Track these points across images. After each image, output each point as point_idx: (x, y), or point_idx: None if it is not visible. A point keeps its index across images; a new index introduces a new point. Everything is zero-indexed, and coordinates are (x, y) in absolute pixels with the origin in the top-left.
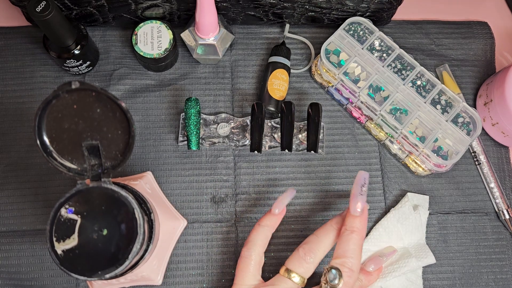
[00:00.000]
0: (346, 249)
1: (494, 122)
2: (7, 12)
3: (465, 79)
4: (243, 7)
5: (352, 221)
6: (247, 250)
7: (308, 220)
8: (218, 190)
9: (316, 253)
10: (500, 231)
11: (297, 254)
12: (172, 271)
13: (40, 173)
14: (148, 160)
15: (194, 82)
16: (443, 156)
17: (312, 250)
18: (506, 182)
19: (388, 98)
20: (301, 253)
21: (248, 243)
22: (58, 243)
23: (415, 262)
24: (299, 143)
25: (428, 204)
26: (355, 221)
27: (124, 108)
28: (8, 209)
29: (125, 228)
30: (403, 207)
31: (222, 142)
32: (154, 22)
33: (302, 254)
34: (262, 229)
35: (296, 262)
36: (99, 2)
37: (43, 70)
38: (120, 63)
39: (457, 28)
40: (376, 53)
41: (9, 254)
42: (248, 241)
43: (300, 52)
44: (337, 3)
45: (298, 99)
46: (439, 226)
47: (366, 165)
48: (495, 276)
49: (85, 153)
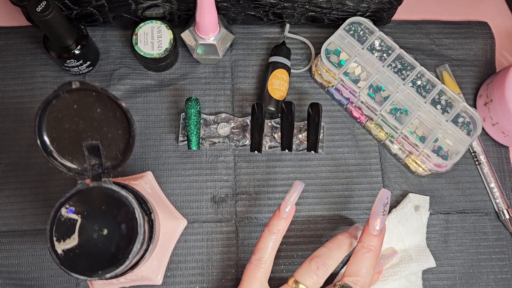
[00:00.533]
0: (360, 267)
1: (494, 122)
2: (7, 12)
3: (465, 79)
4: (243, 7)
5: (369, 239)
6: (257, 257)
7: (308, 220)
8: (218, 190)
9: (328, 267)
10: (500, 231)
11: (309, 266)
12: (172, 271)
13: (40, 173)
14: (148, 160)
15: (194, 82)
16: (443, 156)
17: (324, 264)
18: (506, 182)
19: (388, 98)
20: (313, 267)
21: (259, 251)
22: (58, 243)
23: (416, 266)
24: (299, 143)
25: (429, 205)
26: (373, 239)
27: (124, 108)
28: (8, 209)
29: (125, 228)
30: (405, 208)
31: (222, 142)
32: (154, 22)
33: (315, 268)
34: (273, 236)
35: (306, 274)
36: (99, 2)
37: (43, 70)
38: (120, 63)
39: (457, 28)
40: (376, 53)
41: (9, 253)
42: (258, 248)
43: (300, 52)
44: (337, 3)
45: (298, 99)
46: (439, 226)
47: (366, 165)
48: (495, 276)
49: (85, 153)
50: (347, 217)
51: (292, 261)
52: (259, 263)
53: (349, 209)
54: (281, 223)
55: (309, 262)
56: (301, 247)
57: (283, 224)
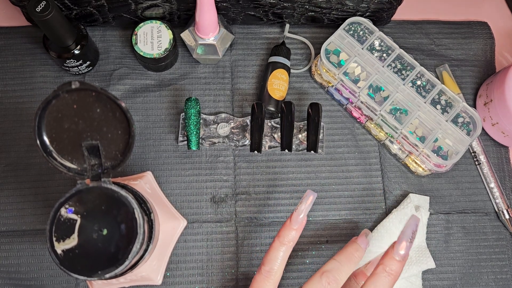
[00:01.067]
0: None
1: (494, 122)
2: (7, 12)
3: (465, 79)
4: (243, 7)
5: (391, 263)
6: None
7: (308, 220)
8: (218, 190)
9: (338, 283)
10: (500, 231)
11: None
12: (172, 271)
13: (40, 173)
14: (148, 160)
15: (194, 82)
16: (443, 156)
17: (335, 279)
18: (506, 182)
19: (388, 98)
20: (324, 282)
21: (269, 262)
22: (58, 243)
23: (416, 268)
24: (299, 143)
25: (429, 205)
26: (394, 264)
27: (124, 108)
28: (8, 209)
29: (125, 228)
30: (405, 208)
31: (222, 142)
32: (154, 22)
33: (325, 283)
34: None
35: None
36: (99, 2)
37: (43, 70)
38: (120, 63)
39: (457, 28)
40: (376, 53)
41: (8, 254)
42: (268, 259)
43: (300, 52)
44: (337, 3)
45: (298, 99)
46: (439, 226)
47: (366, 165)
48: (495, 276)
49: (85, 153)
50: (347, 217)
51: (292, 261)
52: (269, 275)
53: (349, 209)
54: (292, 234)
55: (320, 276)
56: (301, 247)
57: (294, 234)
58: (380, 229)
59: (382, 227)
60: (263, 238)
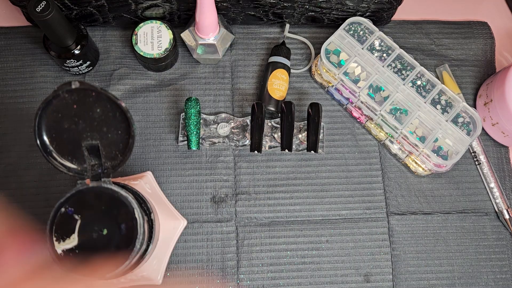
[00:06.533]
0: None
1: (494, 122)
2: (7, 12)
3: (465, 79)
4: (243, 7)
5: None
6: None
7: (308, 220)
8: (218, 190)
9: None
10: (500, 231)
11: None
12: (172, 271)
13: (40, 173)
14: (148, 160)
15: (194, 82)
16: (443, 156)
17: None
18: (506, 182)
19: (388, 98)
20: None
21: None
22: (58, 243)
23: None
24: (299, 143)
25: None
26: None
27: (124, 108)
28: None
29: (125, 228)
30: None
31: (222, 142)
32: (154, 22)
33: None
34: None
35: None
36: (99, 2)
37: (43, 70)
38: (120, 63)
39: (457, 28)
40: (376, 53)
41: None
42: None
43: (300, 52)
44: (337, 3)
45: (298, 99)
46: (439, 226)
47: (366, 165)
48: (495, 276)
49: (85, 153)
50: (347, 217)
51: (292, 261)
52: None
53: (349, 209)
54: None
55: None
56: (301, 247)
57: None
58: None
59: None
60: (263, 238)
